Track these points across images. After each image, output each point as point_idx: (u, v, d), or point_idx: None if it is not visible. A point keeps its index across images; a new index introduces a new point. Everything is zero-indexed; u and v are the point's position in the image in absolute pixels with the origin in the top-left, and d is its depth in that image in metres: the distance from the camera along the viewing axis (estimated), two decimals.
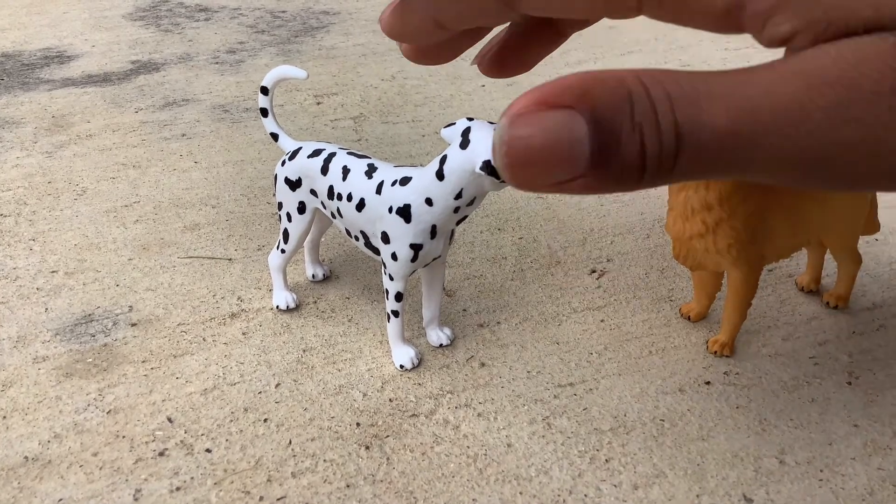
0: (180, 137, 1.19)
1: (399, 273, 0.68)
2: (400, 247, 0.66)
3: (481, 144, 0.60)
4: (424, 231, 0.65)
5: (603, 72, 0.24)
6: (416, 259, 0.67)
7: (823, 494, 0.60)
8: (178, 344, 0.76)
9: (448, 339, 0.75)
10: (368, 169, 0.69)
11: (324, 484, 0.61)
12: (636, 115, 0.23)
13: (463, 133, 0.61)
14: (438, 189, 0.63)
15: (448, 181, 0.62)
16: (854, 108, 0.21)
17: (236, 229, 0.95)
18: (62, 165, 1.10)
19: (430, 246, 0.66)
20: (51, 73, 1.44)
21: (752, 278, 0.70)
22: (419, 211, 0.64)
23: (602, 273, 0.86)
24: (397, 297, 0.70)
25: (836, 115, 0.22)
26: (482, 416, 0.67)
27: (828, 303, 0.80)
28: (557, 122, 0.23)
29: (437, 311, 0.74)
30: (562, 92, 0.24)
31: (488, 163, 0.59)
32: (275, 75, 0.75)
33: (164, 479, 0.61)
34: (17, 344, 0.76)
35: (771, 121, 0.22)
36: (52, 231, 0.95)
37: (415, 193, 0.64)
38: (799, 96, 0.22)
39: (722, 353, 0.73)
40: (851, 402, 0.68)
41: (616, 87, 0.23)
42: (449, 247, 0.71)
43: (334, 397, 0.69)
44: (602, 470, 0.62)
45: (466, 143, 0.61)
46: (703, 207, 0.67)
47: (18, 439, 0.65)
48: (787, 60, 0.22)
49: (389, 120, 1.26)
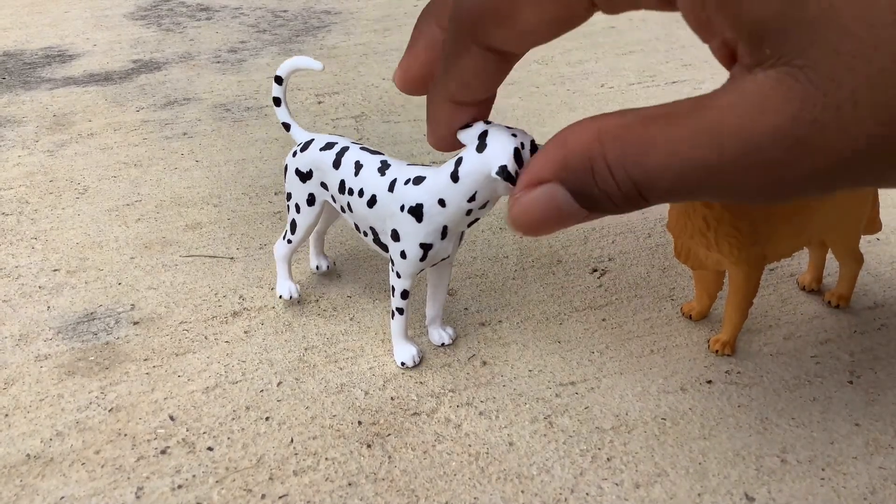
0: (182, 136, 1.19)
1: (407, 271, 0.68)
2: (410, 245, 0.66)
3: (498, 149, 0.59)
4: (435, 231, 0.65)
5: (573, 139, 0.33)
6: (424, 258, 0.67)
7: (825, 493, 0.60)
8: (180, 342, 0.76)
9: (450, 338, 0.75)
10: (381, 166, 0.69)
11: (325, 482, 0.61)
12: (598, 182, 0.30)
13: (480, 136, 0.61)
14: (452, 191, 0.62)
15: (462, 183, 0.62)
16: (754, 155, 0.27)
17: (238, 228, 0.95)
18: (64, 164, 1.11)
19: (440, 246, 0.66)
20: (52, 72, 1.44)
21: (754, 277, 0.70)
22: (431, 211, 0.64)
23: (603, 272, 0.86)
24: (403, 294, 0.70)
25: (740, 164, 0.27)
26: (484, 414, 0.67)
27: (829, 302, 0.80)
28: (544, 195, 0.32)
29: (440, 311, 0.74)
30: (541, 170, 0.33)
31: (504, 167, 0.58)
32: (290, 65, 0.75)
33: (165, 477, 0.61)
34: (19, 342, 0.76)
35: (695, 181, 0.29)
36: (53, 230, 0.95)
37: (428, 193, 0.64)
38: (709, 159, 0.28)
39: (723, 352, 0.73)
40: (853, 401, 0.68)
41: (581, 160, 0.31)
42: (458, 248, 0.71)
43: (336, 396, 0.69)
44: (604, 469, 0.62)
45: (483, 146, 0.60)
46: (705, 206, 0.67)
47: (20, 437, 0.65)
48: (703, 113, 0.28)
49: (391, 119, 1.26)
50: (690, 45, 1.55)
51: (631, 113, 0.31)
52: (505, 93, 1.34)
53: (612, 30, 1.65)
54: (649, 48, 1.55)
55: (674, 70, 1.43)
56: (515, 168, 0.59)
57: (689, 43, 1.57)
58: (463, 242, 0.70)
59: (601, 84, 1.38)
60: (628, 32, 1.63)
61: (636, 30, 1.65)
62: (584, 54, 1.52)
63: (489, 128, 0.61)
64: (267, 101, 1.31)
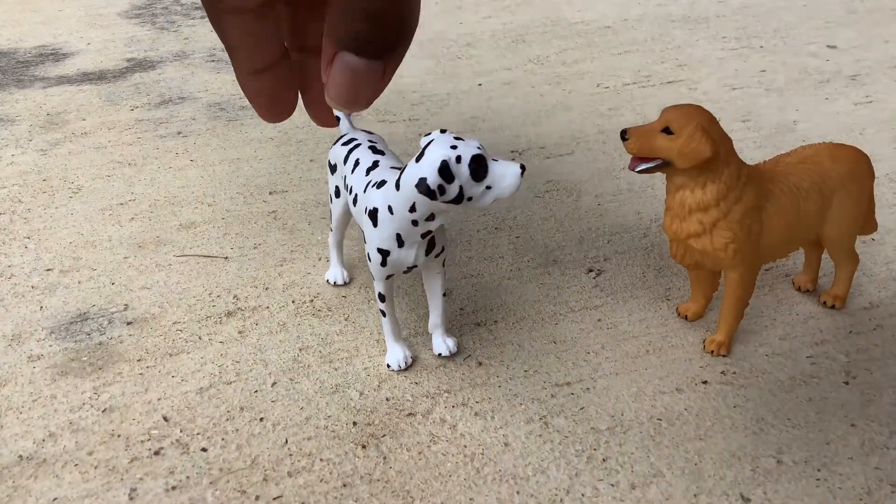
0: (176, 135, 1.19)
1: (376, 274, 0.68)
2: (371, 249, 0.66)
3: (427, 160, 0.58)
4: (390, 238, 0.64)
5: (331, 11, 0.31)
6: (385, 264, 0.65)
7: (821, 494, 0.60)
8: (174, 342, 0.75)
9: (449, 350, 0.73)
10: (371, 166, 0.68)
11: (320, 483, 0.61)
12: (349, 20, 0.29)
13: (424, 145, 0.60)
14: (396, 199, 0.61)
15: (402, 193, 0.60)
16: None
17: (232, 227, 0.94)
18: (57, 163, 1.10)
19: (399, 254, 0.65)
20: (46, 71, 1.44)
21: (749, 278, 0.70)
22: (383, 217, 0.63)
23: (599, 272, 0.86)
24: (380, 297, 0.69)
25: None
26: (479, 415, 0.67)
27: (825, 302, 0.80)
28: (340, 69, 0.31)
29: (440, 319, 0.73)
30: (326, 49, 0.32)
31: (423, 180, 0.57)
32: None
33: (159, 479, 0.61)
34: (11, 342, 0.75)
35: None
36: (47, 229, 0.94)
37: (382, 199, 0.63)
38: None
39: (718, 352, 0.73)
40: (849, 402, 0.68)
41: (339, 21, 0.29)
42: (437, 258, 0.68)
43: (331, 396, 0.69)
44: (599, 469, 0.62)
45: (421, 156, 0.59)
46: (699, 208, 0.67)
47: (13, 438, 0.64)
48: None
49: (386, 119, 1.25)
50: (686, 45, 1.55)
51: None
52: (501, 93, 1.34)
53: (607, 30, 1.65)
54: (645, 48, 1.55)
55: (669, 70, 1.43)
56: (439, 182, 0.57)
57: (684, 43, 1.57)
58: (442, 251, 0.68)
59: (597, 84, 1.38)
60: (623, 32, 1.63)
61: (631, 30, 1.65)
62: (579, 54, 1.52)
63: (436, 137, 0.60)
64: None
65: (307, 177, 1.07)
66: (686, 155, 0.64)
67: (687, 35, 1.61)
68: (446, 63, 1.48)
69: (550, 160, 1.11)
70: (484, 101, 1.31)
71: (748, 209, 0.67)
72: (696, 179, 0.66)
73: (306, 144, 1.16)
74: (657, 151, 0.66)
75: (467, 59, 1.50)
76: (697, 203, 0.67)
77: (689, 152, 0.64)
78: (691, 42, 1.58)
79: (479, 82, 1.39)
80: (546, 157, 1.12)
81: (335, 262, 0.82)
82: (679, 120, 0.65)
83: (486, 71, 1.44)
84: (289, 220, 0.96)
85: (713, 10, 1.77)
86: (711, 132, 0.64)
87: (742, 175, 0.66)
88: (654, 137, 0.66)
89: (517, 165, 0.59)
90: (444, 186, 0.57)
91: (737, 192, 0.66)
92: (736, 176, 0.66)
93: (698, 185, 0.66)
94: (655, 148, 0.66)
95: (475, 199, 0.59)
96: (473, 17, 1.74)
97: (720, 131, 0.66)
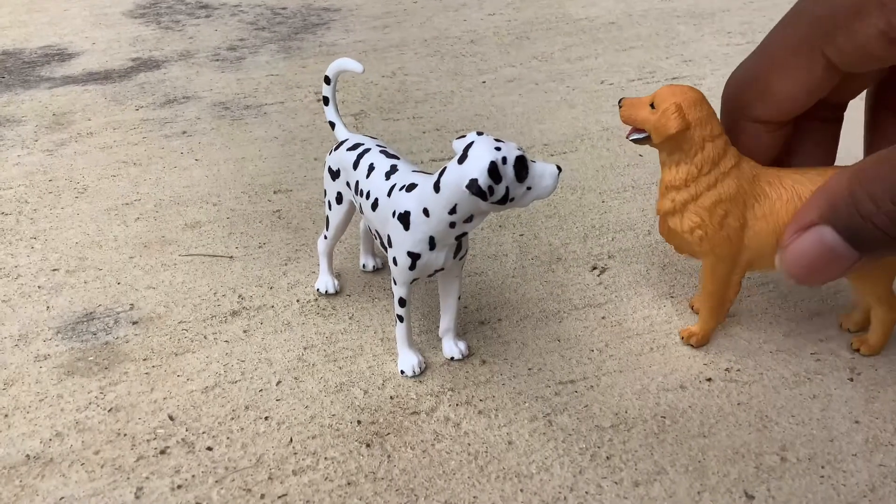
0: (181, 135, 1.19)
1: (400, 279, 0.67)
2: (399, 253, 0.65)
3: (477, 161, 0.58)
4: (422, 241, 0.64)
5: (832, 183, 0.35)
6: (414, 268, 0.66)
7: (825, 491, 0.60)
8: (180, 342, 0.76)
9: (461, 353, 0.73)
10: (390, 170, 0.68)
11: (325, 482, 0.61)
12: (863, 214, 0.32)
13: (465, 147, 0.60)
14: (434, 201, 0.62)
15: (442, 195, 0.61)
16: None
17: (237, 227, 0.95)
18: (63, 163, 1.11)
19: (429, 257, 0.65)
20: (51, 71, 1.44)
21: (721, 271, 0.69)
22: (417, 220, 0.63)
23: (603, 270, 0.86)
24: (400, 301, 0.69)
25: None
26: (483, 413, 0.67)
27: (858, 349, 0.73)
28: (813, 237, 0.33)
29: (452, 323, 0.72)
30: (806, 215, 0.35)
31: (475, 181, 0.57)
32: (336, 66, 0.77)
33: (165, 477, 0.61)
34: (18, 342, 0.76)
35: None
36: (53, 229, 0.95)
37: (415, 201, 0.63)
38: None
39: (688, 342, 0.73)
40: (853, 399, 0.68)
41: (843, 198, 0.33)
42: (460, 261, 0.69)
43: (335, 395, 0.69)
44: (603, 467, 0.62)
45: (464, 157, 0.59)
46: (672, 186, 0.67)
47: (20, 437, 0.65)
48: None
49: (390, 117, 1.25)
50: (690, 41, 1.55)
51: (885, 152, 0.33)
52: (505, 90, 1.34)
53: (611, 25, 1.64)
54: (649, 44, 1.54)
55: (674, 66, 1.43)
56: (489, 183, 0.58)
57: (689, 39, 1.56)
58: (465, 254, 0.69)
59: (601, 80, 1.37)
60: (628, 28, 1.63)
61: (636, 25, 1.64)
62: (583, 50, 1.51)
63: (477, 139, 0.60)
64: (266, 100, 1.31)
65: (312, 176, 1.07)
66: (657, 129, 0.65)
67: (692, 31, 1.61)
68: (450, 60, 1.48)
69: (554, 157, 1.11)
70: (488, 99, 1.31)
71: (722, 199, 0.65)
72: (671, 157, 0.67)
73: (311, 143, 1.16)
74: (640, 122, 0.67)
75: (471, 56, 1.50)
76: (671, 180, 0.67)
77: (660, 127, 0.64)
78: (696, 38, 1.57)
79: (483, 79, 1.39)
80: (550, 154, 1.12)
81: (325, 271, 0.82)
82: (662, 95, 0.66)
83: (490, 68, 1.44)
84: (293, 220, 0.96)
85: (718, 6, 1.76)
86: (687, 112, 0.64)
87: (724, 164, 0.65)
88: (640, 109, 0.67)
89: (554, 166, 0.61)
90: (493, 187, 0.58)
91: (710, 178, 0.65)
92: (711, 162, 0.65)
93: (673, 162, 0.67)
94: (639, 119, 0.67)
95: (517, 199, 0.61)
96: (477, 14, 1.74)
97: (703, 115, 0.64)
